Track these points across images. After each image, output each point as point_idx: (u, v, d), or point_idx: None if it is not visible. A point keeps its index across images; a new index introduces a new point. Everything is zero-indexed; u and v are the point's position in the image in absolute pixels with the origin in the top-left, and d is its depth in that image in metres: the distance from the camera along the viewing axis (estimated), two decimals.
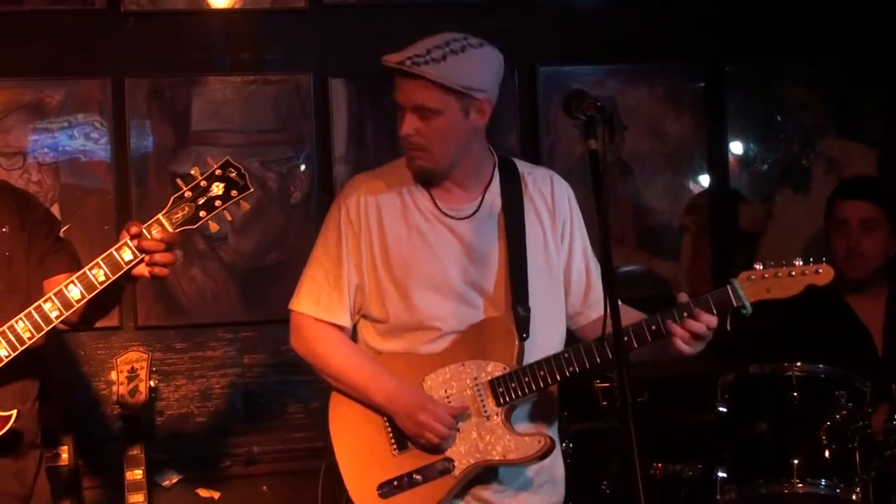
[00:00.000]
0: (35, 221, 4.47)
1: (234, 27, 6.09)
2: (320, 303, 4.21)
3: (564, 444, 5.07)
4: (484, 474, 4.07)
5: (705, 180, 6.49)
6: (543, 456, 4.02)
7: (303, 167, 6.12)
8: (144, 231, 4.12)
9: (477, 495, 4.10)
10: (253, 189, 4.27)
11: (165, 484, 5.92)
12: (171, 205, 4.14)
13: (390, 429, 4.12)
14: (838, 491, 4.54)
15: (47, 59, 5.91)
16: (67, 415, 5.71)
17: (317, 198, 6.11)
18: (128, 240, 4.11)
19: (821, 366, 4.69)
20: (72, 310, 4.13)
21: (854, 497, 4.54)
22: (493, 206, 4.11)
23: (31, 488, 4.37)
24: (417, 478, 4.04)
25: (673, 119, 6.42)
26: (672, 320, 3.92)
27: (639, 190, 6.26)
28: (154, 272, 4.14)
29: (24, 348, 4.10)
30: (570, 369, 3.99)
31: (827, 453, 4.58)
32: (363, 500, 4.10)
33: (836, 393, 4.62)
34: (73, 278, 4.12)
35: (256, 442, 6.07)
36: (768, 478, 4.63)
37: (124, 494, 5.11)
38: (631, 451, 3.26)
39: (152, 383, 5.23)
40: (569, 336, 4.25)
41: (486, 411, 3.96)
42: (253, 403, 6.12)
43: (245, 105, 6.08)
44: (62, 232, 4.67)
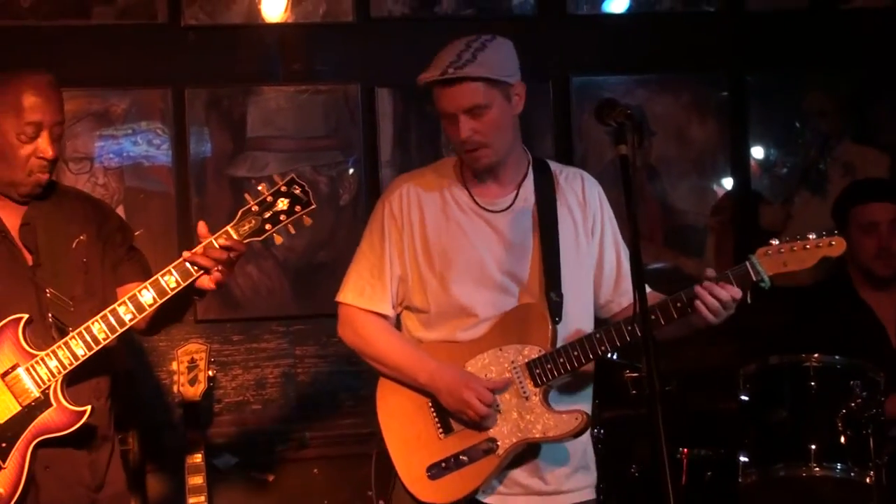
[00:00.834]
0: (110, 230, 4.50)
1: (287, 40, 6.12)
2: (364, 293, 4.23)
3: (596, 431, 5.12)
4: (524, 457, 4.06)
5: (728, 183, 6.47)
6: (581, 432, 4.03)
7: (351, 171, 6.13)
8: (213, 240, 4.15)
9: (516, 480, 4.10)
10: (315, 205, 4.27)
11: (223, 467, 5.96)
12: (240, 217, 4.18)
13: (435, 414, 4.13)
14: (853, 474, 4.59)
15: (113, 71, 5.93)
16: (132, 403, 5.70)
17: (364, 200, 6.11)
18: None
19: (837, 357, 4.70)
20: (144, 313, 4.16)
21: (868, 480, 4.57)
22: (528, 200, 4.13)
23: (104, 478, 4.38)
24: (463, 458, 4.04)
25: (698, 126, 6.41)
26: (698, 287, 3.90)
27: (666, 192, 6.26)
28: (216, 279, 4.16)
29: (98, 348, 4.14)
30: (602, 348, 3.99)
31: (842, 439, 4.62)
32: (413, 482, 4.11)
33: (852, 382, 4.65)
34: (146, 284, 4.15)
35: (307, 428, 6.09)
36: (787, 462, 4.67)
37: (185, 477, 5.17)
38: (658, 437, 3.28)
39: (211, 373, 5.31)
40: (599, 324, 4.21)
41: (524, 392, 3.97)
42: (304, 392, 6.13)
43: (297, 113, 6.09)
44: (135, 238, 4.71)
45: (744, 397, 4.86)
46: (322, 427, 6.11)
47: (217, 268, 4.18)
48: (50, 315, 4.22)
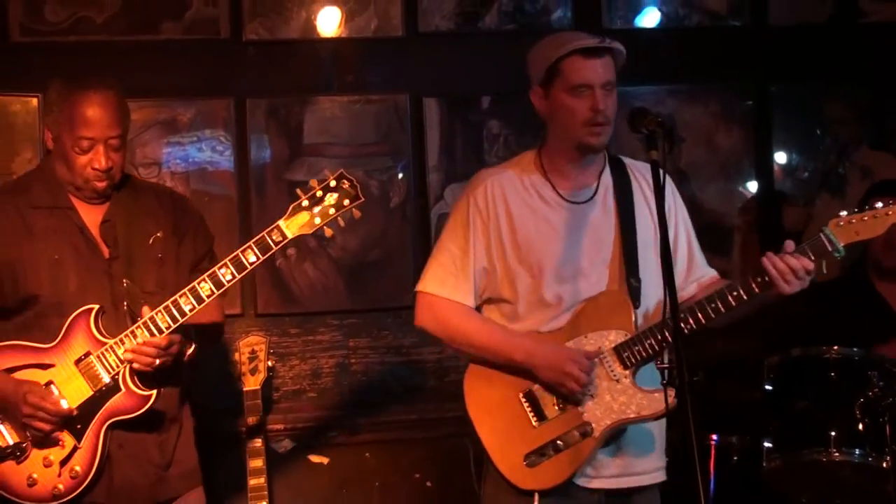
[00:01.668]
0: (186, 228, 4.54)
1: (340, 53, 6.11)
2: (446, 284, 4.18)
3: None
4: (611, 439, 4.03)
5: (753, 186, 6.46)
6: (673, 409, 3.96)
7: (400, 175, 6.11)
8: (266, 235, 4.22)
9: (603, 462, 4.07)
10: (364, 199, 4.30)
11: (281, 451, 5.96)
12: (291, 212, 4.24)
13: (527, 403, 4.08)
14: (870, 459, 4.57)
15: (179, 82, 5.96)
16: (197, 390, 5.52)
17: (412, 202, 6.12)
18: (252, 244, 4.20)
19: (855, 349, 4.69)
20: (203, 304, 4.20)
21: (884, 465, 4.55)
22: (607, 191, 4.10)
23: (172, 457, 4.45)
24: (560, 444, 3.99)
25: (725, 133, 6.40)
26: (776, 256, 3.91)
27: (695, 195, 6.19)
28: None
29: (162, 336, 4.18)
30: (687, 327, 3.94)
31: (860, 426, 4.60)
32: (512, 472, 4.06)
33: (869, 373, 4.63)
34: (204, 276, 4.19)
35: (360, 414, 6.08)
36: (809, 447, 4.65)
37: (246, 460, 5.33)
38: (688, 424, 3.33)
39: (270, 363, 5.46)
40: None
41: (615, 375, 3.95)
42: (357, 381, 6.11)
43: (350, 121, 6.08)
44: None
45: (768, 387, 4.86)
46: (373, 413, 6.09)
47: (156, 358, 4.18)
48: (125, 304, 4.29)
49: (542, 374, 4.03)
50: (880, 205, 3.94)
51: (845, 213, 3.95)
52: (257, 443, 5.33)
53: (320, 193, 4.26)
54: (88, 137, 4.20)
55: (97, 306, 4.25)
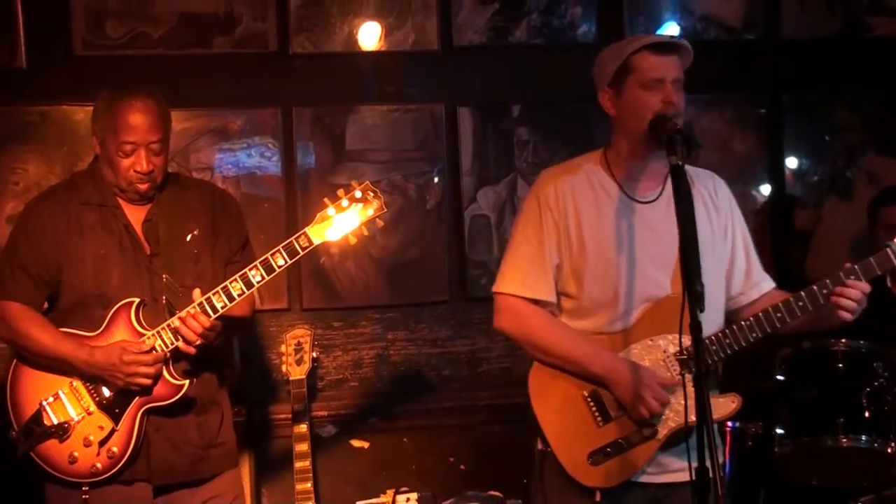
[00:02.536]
0: (223, 226, 4.58)
1: (380, 66, 6.12)
2: (526, 283, 4.08)
3: None
4: (673, 440, 3.94)
5: (766, 189, 6.44)
6: (737, 413, 3.96)
7: (436, 179, 6.13)
8: (294, 241, 4.25)
9: (662, 462, 4.00)
10: (387, 210, 4.31)
11: (325, 436, 6.01)
12: (317, 219, 4.27)
13: (593, 404, 4.00)
14: (876, 445, 4.57)
15: (230, 93, 5.99)
16: (247, 379, 5.89)
17: (447, 204, 6.14)
18: (280, 248, 4.23)
19: (862, 342, 4.66)
20: (252, 289, 4.24)
21: (889, 450, 4.57)
22: (671, 194, 3.74)
23: (215, 437, 4.51)
24: (623, 444, 3.93)
25: (739, 139, 6.39)
26: (838, 283, 3.86)
27: None
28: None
29: (216, 315, 4.23)
30: (753, 335, 3.93)
31: (867, 414, 4.59)
32: (576, 469, 3.98)
33: (875, 364, 4.63)
34: (236, 277, 4.24)
35: (398, 402, 6.11)
36: (818, 434, 4.64)
37: (292, 444, 5.34)
38: (704, 412, 3.31)
39: (314, 354, 5.45)
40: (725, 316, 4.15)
41: (682, 375, 3.81)
42: (395, 371, 6.15)
43: (389, 129, 6.10)
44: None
45: (780, 377, 4.83)
46: (410, 401, 6.12)
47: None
48: (164, 298, 4.34)
49: (617, 391, 3.96)
50: None
51: None
52: (303, 428, 5.36)
53: (346, 203, 4.28)
54: (131, 142, 4.26)
55: (138, 299, 4.31)
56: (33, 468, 4.34)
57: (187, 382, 4.32)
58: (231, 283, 4.24)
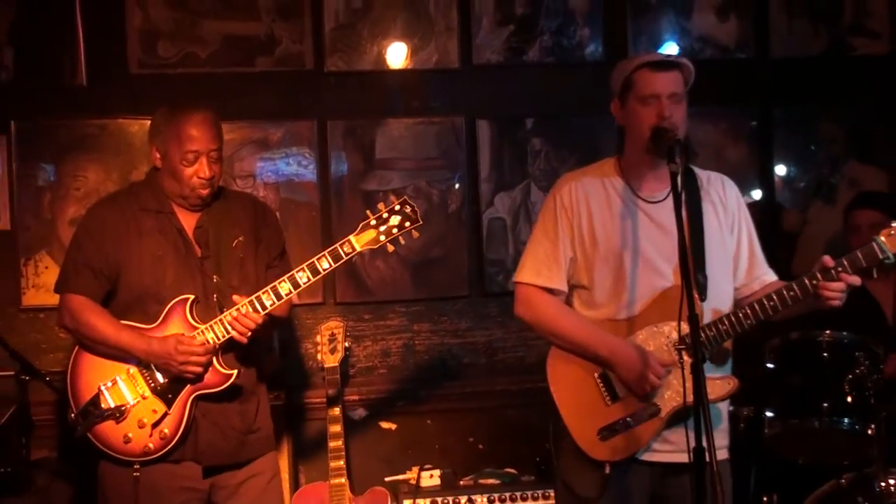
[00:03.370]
0: (263, 233, 4.67)
1: (407, 82, 6.22)
2: (541, 273, 4.19)
3: None
4: (677, 419, 4.00)
5: (757, 194, 6.51)
6: (733, 394, 4.05)
7: (457, 185, 6.22)
8: (338, 247, 4.34)
9: (667, 438, 4.07)
10: (422, 222, 4.43)
11: (356, 418, 6.12)
12: (360, 229, 4.38)
13: (602, 384, 4.10)
14: (857, 427, 4.63)
15: (271, 107, 6.10)
16: (284, 367, 6.02)
17: (467, 208, 6.22)
18: (326, 253, 4.33)
19: (845, 333, 4.72)
20: (299, 289, 4.34)
21: (869, 431, 4.63)
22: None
23: (252, 424, 4.61)
24: (630, 421, 3.98)
25: (732, 148, 6.47)
26: (828, 278, 3.90)
27: None
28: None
29: (265, 312, 4.33)
30: (748, 322, 3.99)
31: (849, 399, 4.64)
32: (586, 443, 4.07)
33: (857, 354, 4.67)
34: (284, 277, 4.33)
35: (423, 387, 6.21)
36: (804, 417, 4.69)
37: (326, 425, 5.45)
38: (700, 397, 3.42)
39: (347, 344, 5.60)
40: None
41: (681, 362, 3.80)
42: (420, 359, 6.24)
43: (415, 140, 6.20)
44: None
45: (769, 365, 4.87)
46: (433, 387, 6.21)
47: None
48: (214, 296, 4.44)
49: (621, 371, 4.06)
50: None
51: (895, 224, 3.95)
52: (336, 411, 5.43)
53: (386, 215, 4.39)
54: (194, 150, 4.36)
55: (193, 296, 4.42)
56: (90, 447, 4.44)
57: (235, 372, 4.44)
58: (280, 283, 4.34)
